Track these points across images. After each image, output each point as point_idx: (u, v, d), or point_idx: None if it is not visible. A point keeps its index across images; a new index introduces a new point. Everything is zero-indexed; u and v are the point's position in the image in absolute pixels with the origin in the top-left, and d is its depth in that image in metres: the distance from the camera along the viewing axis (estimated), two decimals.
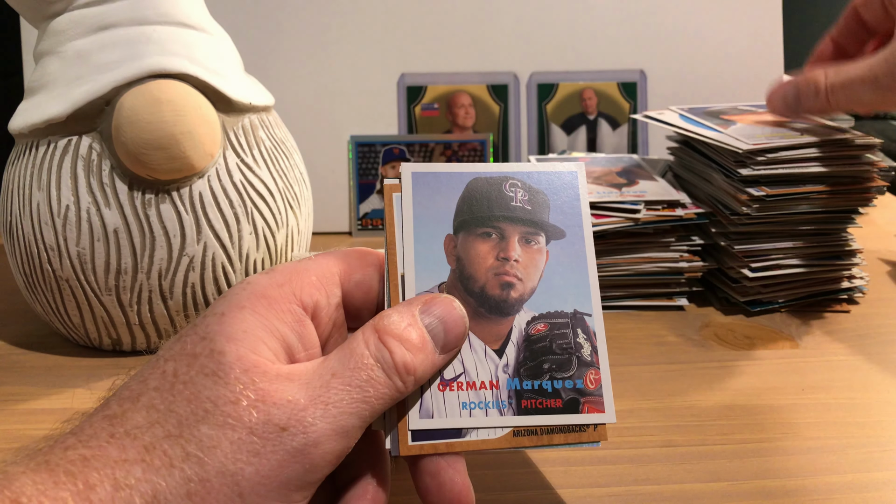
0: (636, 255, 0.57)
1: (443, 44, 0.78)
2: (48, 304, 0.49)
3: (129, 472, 0.23)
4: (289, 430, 0.24)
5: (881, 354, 0.50)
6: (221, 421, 0.24)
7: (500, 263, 0.30)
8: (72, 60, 0.47)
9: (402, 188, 0.31)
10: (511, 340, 0.30)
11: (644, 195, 0.57)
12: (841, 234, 0.58)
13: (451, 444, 0.28)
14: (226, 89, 0.48)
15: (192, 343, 0.26)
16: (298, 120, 0.74)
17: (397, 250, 0.30)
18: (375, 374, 0.26)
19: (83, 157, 0.46)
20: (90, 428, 0.24)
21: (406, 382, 0.27)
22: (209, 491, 0.23)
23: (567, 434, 0.29)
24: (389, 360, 0.26)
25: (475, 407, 0.29)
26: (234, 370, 0.25)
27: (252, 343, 0.26)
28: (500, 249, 0.31)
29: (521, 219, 0.31)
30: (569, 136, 0.80)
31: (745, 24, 0.80)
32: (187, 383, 0.25)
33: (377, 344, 0.27)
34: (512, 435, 0.29)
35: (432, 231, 0.30)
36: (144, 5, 0.47)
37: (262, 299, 0.27)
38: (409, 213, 0.31)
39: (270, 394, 0.25)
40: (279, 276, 0.28)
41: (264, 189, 0.50)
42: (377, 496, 0.28)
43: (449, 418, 0.28)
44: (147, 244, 0.47)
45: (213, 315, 0.27)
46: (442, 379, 0.29)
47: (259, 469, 0.24)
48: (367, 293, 0.30)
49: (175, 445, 0.24)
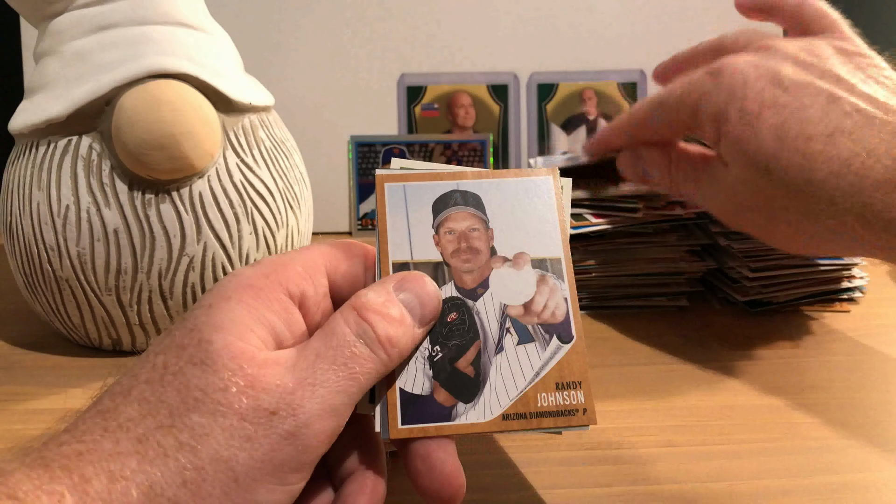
0: (636, 255, 0.57)
1: (443, 44, 0.78)
2: (48, 304, 0.49)
3: (124, 465, 0.23)
4: (278, 414, 0.25)
5: (881, 354, 0.50)
6: (212, 409, 0.24)
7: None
8: (72, 60, 0.47)
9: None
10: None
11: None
12: None
13: (440, 428, 0.28)
14: (226, 89, 0.48)
15: (181, 335, 0.26)
16: (298, 120, 0.74)
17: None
18: (359, 349, 0.26)
19: (83, 157, 0.46)
20: (83, 424, 0.25)
21: (390, 355, 0.27)
22: (204, 478, 0.24)
23: (556, 418, 0.29)
24: (372, 333, 0.27)
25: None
26: (221, 358, 0.25)
27: (239, 331, 0.26)
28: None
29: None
30: (569, 136, 0.80)
31: (746, 24, 0.80)
32: (176, 374, 0.25)
33: (357, 320, 0.27)
34: (501, 419, 0.29)
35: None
36: (144, 5, 0.47)
37: (248, 289, 0.27)
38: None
39: (259, 379, 0.25)
40: (265, 266, 0.29)
41: (264, 189, 0.50)
42: (376, 488, 0.29)
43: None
44: (147, 244, 0.47)
45: (201, 307, 0.27)
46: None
47: (252, 454, 0.24)
48: (354, 284, 0.30)
49: (168, 435, 0.24)
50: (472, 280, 0.31)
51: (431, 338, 0.30)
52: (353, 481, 0.29)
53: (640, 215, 0.55)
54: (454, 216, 0.31)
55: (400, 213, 0.31)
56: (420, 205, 0.31)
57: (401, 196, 0.32)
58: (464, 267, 0.31)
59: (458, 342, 0.30)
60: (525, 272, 0.31)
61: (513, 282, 0.31)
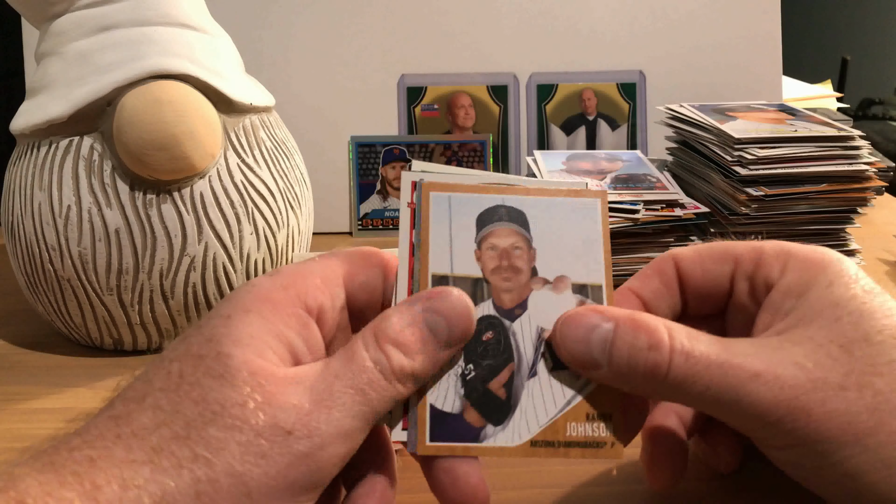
0: (635, 255, 0.57)
1: (443, 44, 0.78)
2: (50, 304, 0.49)
3: (136, 473, 0.23)
4: (294, 434, 0.25)
5: None
6: (229, 423, 0.24)
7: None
8: (73, 61, 0.47)
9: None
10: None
11: (643, 195, 0.57)
12: (839, 235, 0.58)
13: (469, 448, 0.28)
14: (227, 90, 0.48)
15: (198, 345, 0.26)
16: (299, 120, 0.74)
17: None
18: (375, 376, 0.26)
19: (84, 157, 0.47)
20: (95, 429, 0.25)
21: (404, 385, 0.27)
22: (218, 491, 0.24)
23: (584, 449, 0.29)
24: (387, 364, 0.27)
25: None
26: (241, 373, 0.25)
27: (258, 347, 0.26)
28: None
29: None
30: (568, 137, 0.80)
31: (745, 24, 0.80)
32: (194, 385, 0.25)
33: (375, 348, 0.27)
34: (529, 444, 0.29)
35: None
36: (146, 6, 0.47)
37: (266, 303, 0.27)
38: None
39: (276, 397, 0.25)
40: (284, 278, 0.28)
41: (265, 189, 0.50)
42: (385, 494, 0.29)
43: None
44: (148, 244, 0.47)
45: (219, 317, 0.27)
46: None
47: (267, 471, 0.24)
48: (372, 295, 0.30)
49: (183, 447, 0.24)
50: (511, 300, 0.30)
51: (466, 355, 0.29)
52: (363, 484, 0.29)
53: (639, 216, 0.55)
54: (498, 232, 0.31)
55: (443, 224, 0.30)
56: (464, 217, 0.30)
57: (445, 207, 0.31)
58: (503, 286, 0.30)
59: (492, 362, 0.29)
60: (565, 297, 0.30)
61: (551, 305, 0.30)
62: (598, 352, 0.28)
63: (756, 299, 0.32)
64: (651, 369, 0.28)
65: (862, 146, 0.57)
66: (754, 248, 0.32)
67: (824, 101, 0.98)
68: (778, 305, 0.30)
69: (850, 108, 1.59)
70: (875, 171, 0.57)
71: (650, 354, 0.28)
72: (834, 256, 0.31)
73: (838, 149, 0.56)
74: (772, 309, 0.30)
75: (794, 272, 0.30)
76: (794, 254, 0.31)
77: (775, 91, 0.80)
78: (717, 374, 0.27)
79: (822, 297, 0.29)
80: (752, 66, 0.80)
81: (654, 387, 0.28)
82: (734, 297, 0.33)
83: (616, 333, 0.28)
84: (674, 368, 0.27)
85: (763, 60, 0.80)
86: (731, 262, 0.32)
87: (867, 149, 0.57)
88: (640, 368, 0.28)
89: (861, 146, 0.57)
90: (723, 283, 0.33)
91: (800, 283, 0.30)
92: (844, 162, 0.56)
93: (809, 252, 0.31)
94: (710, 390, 0.27)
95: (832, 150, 0.56)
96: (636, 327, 0.28)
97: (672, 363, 0.27)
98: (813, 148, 0.56)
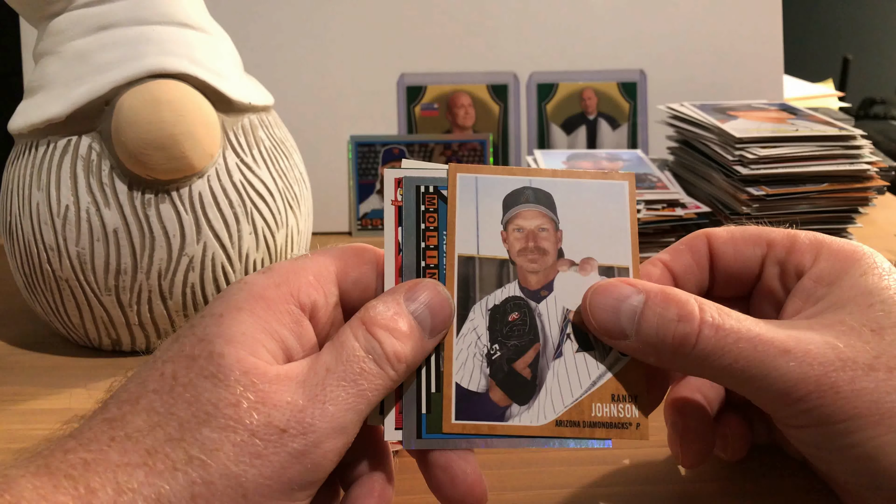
0: None
1: (443, 44, 0.78)
2: (48, 305, 0.49)
3: (131, 476, 0.23)
4: (288, 432, 0.25)
5: None
6: (223, 424, 0.24)
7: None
8: (71, 60, 0.47)
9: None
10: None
11: (644, 195, 0.57)
12: (841, 234, 0.58)
13: (493, 427, 0.28)
14: (225, 89, 0.48)
15: (191, 345, 0.26)
16: (298, 120, 0.74)
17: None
18: (368, 366, 0.26)
19: (83, 157, 0.46)
20: (90, 431, 0.24)
21: (398, 371, 0.27)
22: (213, 493, 0.24)
23: (609, 429, 0.29)
24: (380, 350, 0.27)
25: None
26: (233, 372, 0.25)
27: (251, 345, 0.26)
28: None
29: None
30: (569, 136, 0.80)
31: (745, 24, 0.80)
32: (187, 386, 0.25)
33: (366, 335, 0.27)
34: (554, 424, 0.29)
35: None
36: (144, 5, 0.47)
37: (259, 300, 0.27)
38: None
39: (270, 395, 0.25)
40: (276, 276, 0.28)
41: (264, 189, 0.50)
42: (384, 493, 0.28)
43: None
44: (147, 244, 0.47)
45: (211, 316, 0.27)
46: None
47: (262, 471, 0.24)
48: (365, 291, 0.30)
49: (177, 449, 0.24)
50: (537, 281, 0.30)
51: (491, 335, 0.29)
52: (361, 485, 0.29)
53: (640, 215, 0.55)
54: (524, 213, 0.31)
55: (470, 206, 0.30)
56: (491, 199, 0.31)
57: (472, 188, 0.31)
58: (530, 267, 0.30)
59: (518, 343, 0.29)
60: (591, 278, 0.30)
61: (578, 287, 0.30)
62: (626, 322, 0.28)
63: (786, 285, 0.32)
64: (679, 340, 0.28)
65: (863, 146, 0.57)
66: (788, 235, 0.32)
67: (826, 101, 0.98)
68: (809, 292, 0.31)
69: (852, 107, 1.58)
70: (876, 170, 0.56)
71: (679, 326, 0.28)
72: (867, 250, 0.31)
73: (840, 148, 0.56)
74: (803, 295, 0.31)
75: (826, 261, 0.31)
76: (827, 244, 0.31)
77: (777, 90, 0.80)
78: (746, 347, 0.27)
79: (855, 285, 0.30)
80: (754, 66, 0.80)
81: (680, 359, 0.28)
82: (763, 280, 0.33)
83: (647, 304, 0.28)
84: (702, 340, 0.28)
85: (764, 59, 0.80)
86: (764, 246, 0.33)
87: (869, 148, 0.57)
88: (669, 340, 0.28)
89: (862, 146, 0.57)
90: (753, 265, 0.33)
91: (832, 271, 0.30)
92: (846, 161, 0.56)
93: (843, 244, 0.31)
94: (738, 363, 0.27)
95: (833, 149, 0.56)
96: (667, 299, 0.28)
97: (701, 335, 0.28)
98: (814, 147, 0.56)
